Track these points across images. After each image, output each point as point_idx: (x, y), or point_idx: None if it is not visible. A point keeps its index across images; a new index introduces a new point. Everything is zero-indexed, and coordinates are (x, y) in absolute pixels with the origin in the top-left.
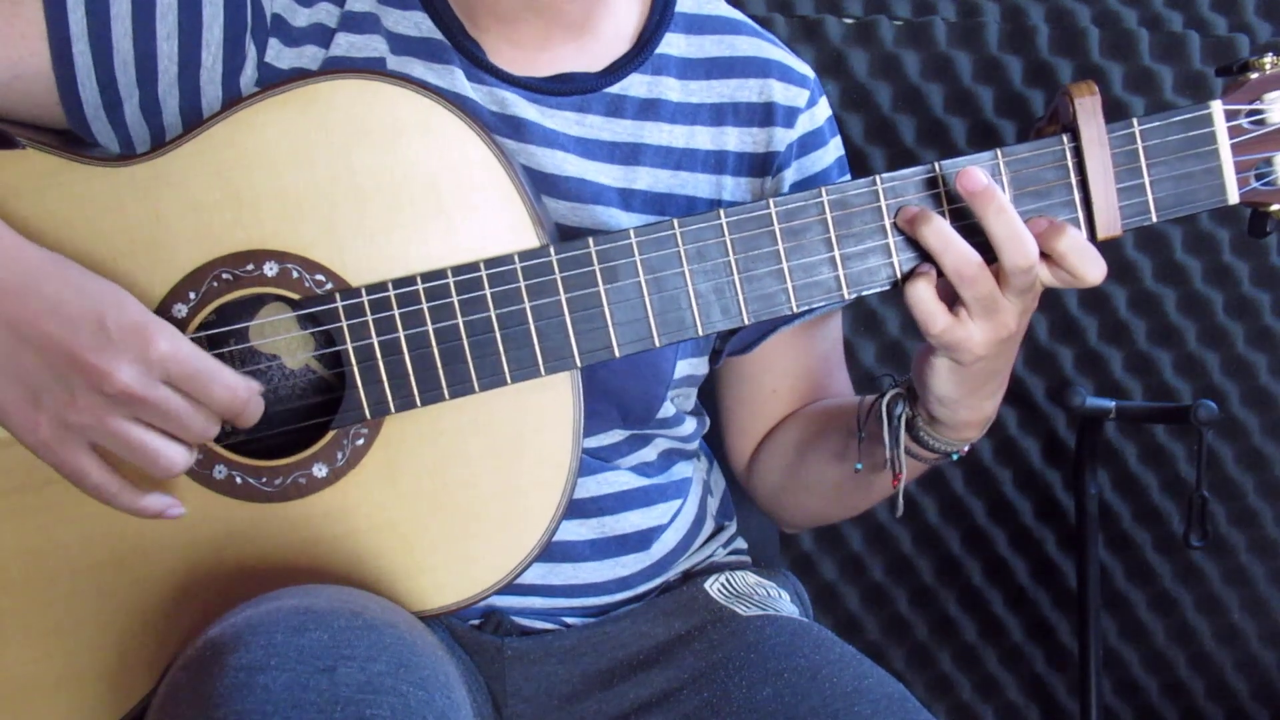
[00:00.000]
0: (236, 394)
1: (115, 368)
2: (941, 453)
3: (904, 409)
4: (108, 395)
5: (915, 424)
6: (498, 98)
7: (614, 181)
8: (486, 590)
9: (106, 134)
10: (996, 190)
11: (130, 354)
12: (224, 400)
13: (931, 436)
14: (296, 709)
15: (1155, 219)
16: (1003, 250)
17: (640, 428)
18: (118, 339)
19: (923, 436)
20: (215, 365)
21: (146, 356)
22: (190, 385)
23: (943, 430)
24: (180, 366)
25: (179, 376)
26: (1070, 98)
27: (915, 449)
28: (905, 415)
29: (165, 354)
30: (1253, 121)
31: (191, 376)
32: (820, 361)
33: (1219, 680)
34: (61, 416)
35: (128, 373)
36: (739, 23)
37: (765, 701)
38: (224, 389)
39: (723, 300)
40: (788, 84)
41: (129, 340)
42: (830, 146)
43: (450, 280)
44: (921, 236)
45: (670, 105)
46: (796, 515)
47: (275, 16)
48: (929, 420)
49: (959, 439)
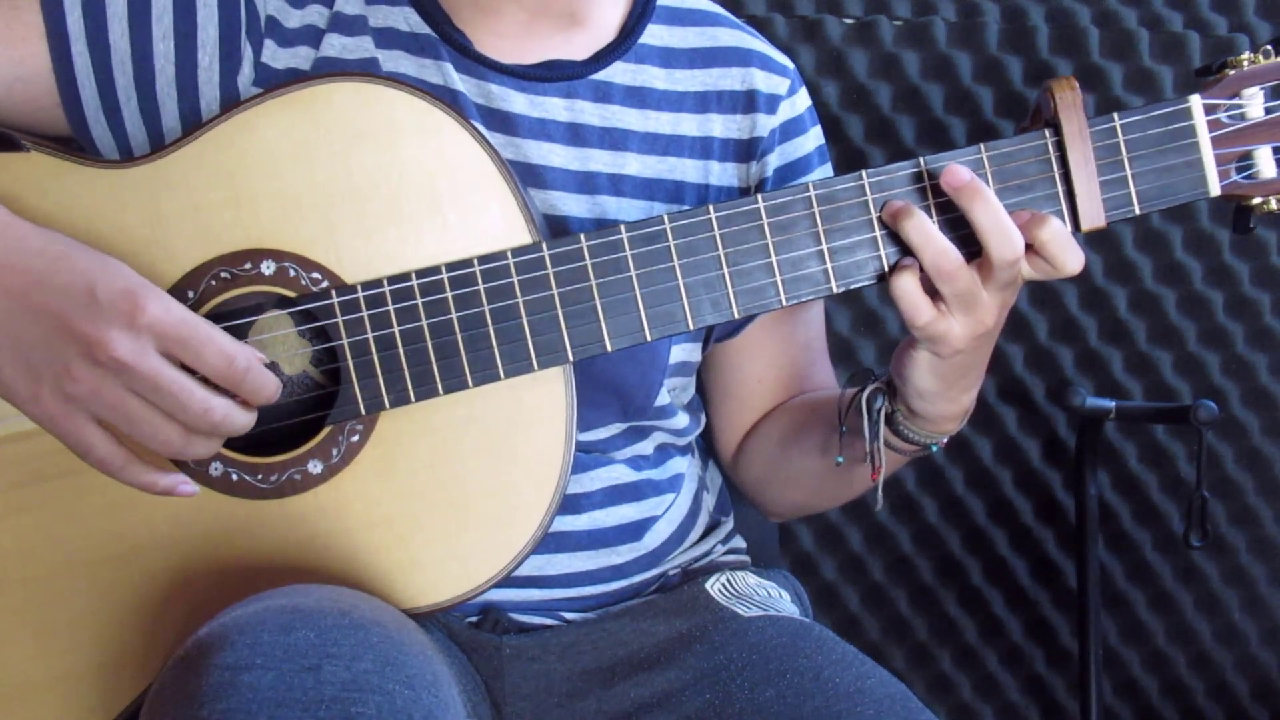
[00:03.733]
0: (234, 361)
1: (105, 335)
2: (920, 444)
3: (883, 403)
4: (101, 364)
5: (895, 418)
6: (485, 90)
7: (603, 167)
8: (481, 586)
9: (107, 140)
10: (980, 184)
11: (120, 321)
12: (217, 365)
13: (910, 429)
14: (281, 707)
15: (1139, 211)
16: (989, 243)
17: (639, 418)
18: (107, 306)
19: (902, 429)
20: (208, 329)
21: (136, 322)
22: (182, 351)
23: (921, 423)
24: (171, 330)
25: (171, 340)
26: (1051, 93)
27: (895, 441)
28: (885, 410)
29: (154, 318)
30: (1232, 115)
31: (183, 340)
32: (803, 350)
33: (1219, 680)
34: (61, 388)
35: (118, 340)
36: (719, 15)
37: (768, 702)
38: (217, 353)
39: (713, 294)
40: (769, 73)
41: (119, 306)
42: (810, 134)
43: (445, 276)
44: (903, 231)
45: (656, 93)
46: (780, 505)
47: (269, 18)
48: (908, 414)
49: (937, 431)
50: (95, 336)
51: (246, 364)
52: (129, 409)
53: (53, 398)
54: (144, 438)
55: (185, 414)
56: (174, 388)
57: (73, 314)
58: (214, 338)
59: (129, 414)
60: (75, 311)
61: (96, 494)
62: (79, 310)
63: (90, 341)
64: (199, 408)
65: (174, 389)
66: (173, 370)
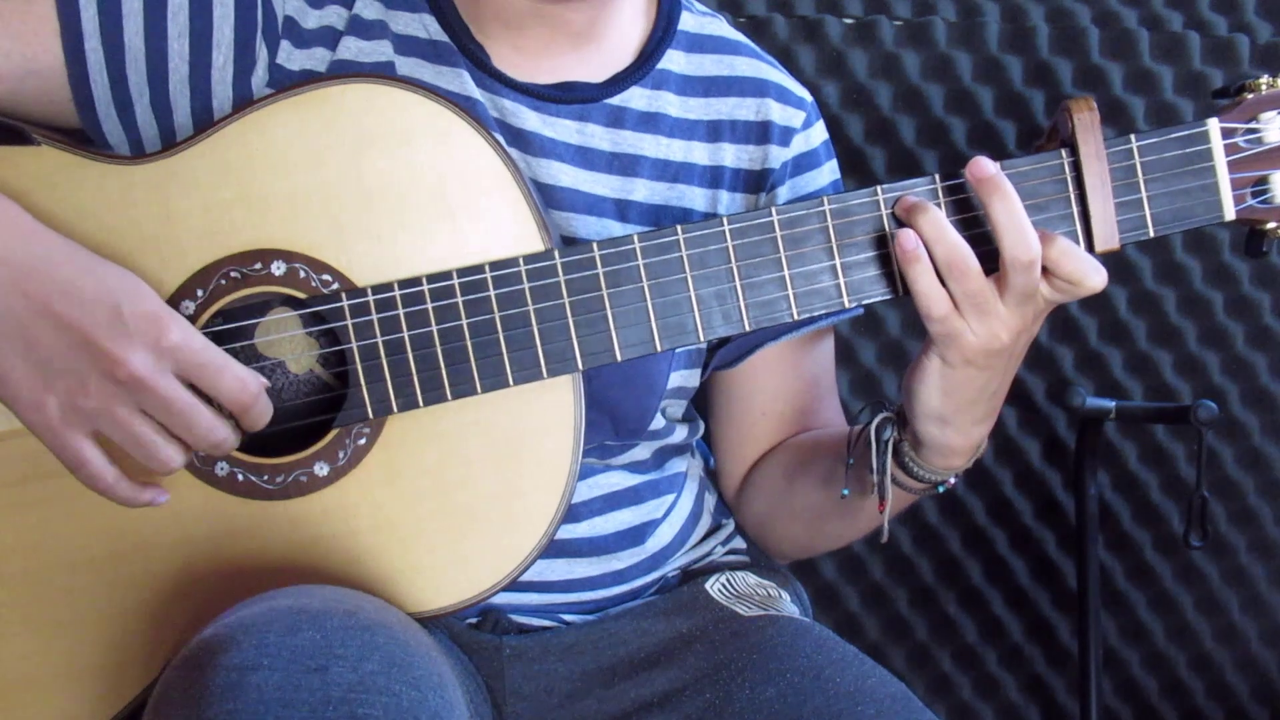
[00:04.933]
0: (246, 387)
1: (128, 354)
2: (929, 483)
3: (892, 432)
4: (118, 381)
5: (902, 449)
6: (499, 105)
7: (611, 192)
8: (485, 592)
9: (118, 135)
10: (1004, 180)
11: (143, 342)
12: (232, 392)
13: (918, 464)
14: (288, 708)
15: (1153, 233)
16: (1004, 242)
17: (632, 439)
18: (132, 326)
19: (909, 464)
20: (225, 358)
21: (159, 345)
22: (199, 376)
23: (929, 455)
24: (191, 357)
25: (189, 367)
26: (1070, 113)
27: (902, 478)
28: (893, 439)
29: (177, 343)
30: (1249, 140)
31: (201, 367)
32: (809, 384)
33: (1219, 680)
34: (71, 399)
35: (139, 360)
36: (739, 44)
37: (768, 702)
38: (233, 380)
39: (724, 306)
40: (785, 104)
41: (143, 328)
42: (825, 169)
43: (455, 282)
44: (917, 225)
45: (669, 120)
46: (783, 544)
47: (287, 19)
48: (915, 445)
49: (945, 467)
50: (118, 354)
51: (257, 389)
52: (135, 427)
53: (58, 407)
54: (144, 456)
55: (190, 434)
56: (186, 409)
57: (97, 330)
58: (230, 364)
59: (134, 432)
60: (99, 327)
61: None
62: (103, 327)
63: (113, 359)
64: (204, 429)
65: (185, 411)
66: (187, 392)
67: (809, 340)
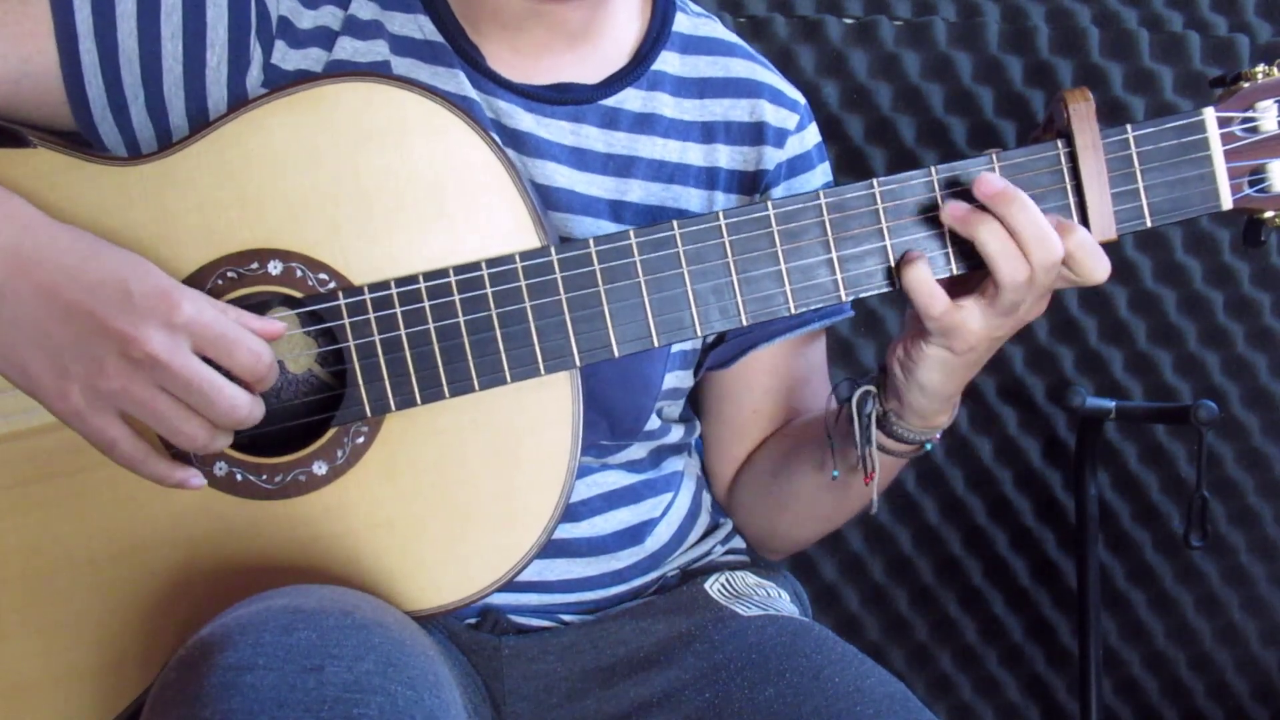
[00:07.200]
0: (261, 358)
1: (142, 333)
2: (915, 443)
3: (874, 406)
4: (135, 360)
5: (887, 418)
6: (494, 106)
7: (605, 193)
8: (483, 590)
9: (114, 136)
10: (1016, 190)
11: (156, 319)
12: (247, 362)
13: (903, 427)
14: (283, 708)
15: (1150, 224)
16: (1031, 250)
17: (628, 439)
18: (142, 304)
19: (895, 428)
20: (238, 330)
21: (171, 321)
22: (215, 348)
23: (913, 419)
24: (205, 329)
25: (204, 339)
26: (1065, 104)
27: (888, 443)
28: (876, 412)
29: (190, 317)
30: (1246, 129)
31: (216, 339)
32: (800, 384)
33: (1219, 680)
34: (92, 384)
35: (155, 337)
36: (734, 45)
37: (767, 702)
38: (248, 351)
39: (721, 301)
40: (779, 106)
41: (154, 305)
42: (817, 171)
43: (452, 279)
44: (978, 236)
45: (664, 121)
46: (776, 538)
47: (281, 19)
48: (900, 410)
49: (930, 426)
50: (132, 334)
51: (271, 360)
52: (158, 405)
53: (82, 394)
54: (170, 433)
55: (212, 410)
56: (206, 385)
57: (107, 311)
58: (245, 335)
59: (157, 410)
60: (110, 309)
61: (100, 492)
62: (114, 308)
63: (127, 339)
64: (227, 404)
65: (205, 386)
66: (206, 367)
67: (802, 341)
